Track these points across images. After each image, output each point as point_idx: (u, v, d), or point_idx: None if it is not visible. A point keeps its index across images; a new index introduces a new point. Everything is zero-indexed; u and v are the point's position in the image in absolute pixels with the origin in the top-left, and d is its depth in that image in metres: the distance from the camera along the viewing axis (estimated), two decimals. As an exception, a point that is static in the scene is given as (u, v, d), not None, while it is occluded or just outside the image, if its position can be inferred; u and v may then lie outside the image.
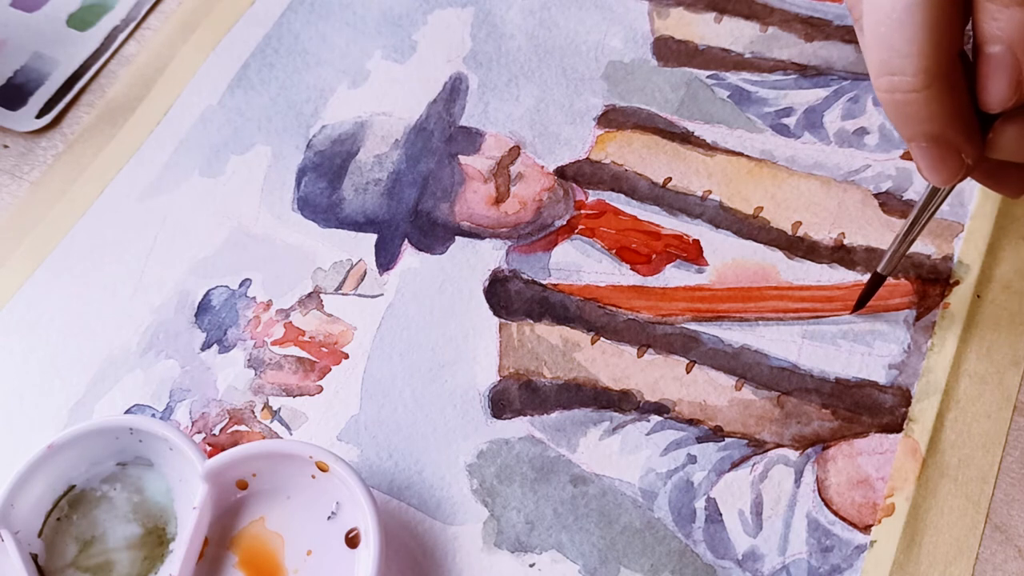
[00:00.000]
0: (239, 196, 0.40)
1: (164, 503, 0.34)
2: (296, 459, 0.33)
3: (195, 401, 0.36)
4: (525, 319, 0.37)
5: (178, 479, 0.34)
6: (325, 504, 0.33)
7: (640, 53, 0.43)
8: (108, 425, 0.33)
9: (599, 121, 0.41)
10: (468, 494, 0.34)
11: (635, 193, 0.39)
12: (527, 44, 0.43)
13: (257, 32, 0.44)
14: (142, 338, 0.38)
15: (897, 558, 0.32)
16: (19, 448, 0.36)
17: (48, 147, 0.42)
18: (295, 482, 0.33)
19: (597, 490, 0.34)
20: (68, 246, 0.40)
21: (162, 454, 0.34)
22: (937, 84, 0.27)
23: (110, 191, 0.41)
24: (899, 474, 0.34)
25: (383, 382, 0.36)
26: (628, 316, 0.37)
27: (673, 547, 0.33)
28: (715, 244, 0.38)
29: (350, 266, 0.39)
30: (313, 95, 0.43)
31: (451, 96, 0.42)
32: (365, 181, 0.40)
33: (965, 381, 0.35)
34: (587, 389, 0.36)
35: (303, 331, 0.37)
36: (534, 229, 0.39)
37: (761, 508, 0.33)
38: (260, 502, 0.34)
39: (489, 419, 0.35)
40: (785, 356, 0.36)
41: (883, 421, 0.34)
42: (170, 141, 0.42)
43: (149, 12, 0.46)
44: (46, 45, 0.45)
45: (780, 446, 0.34)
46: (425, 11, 0.44)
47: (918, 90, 0.28)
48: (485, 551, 0.33)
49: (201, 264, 0.39)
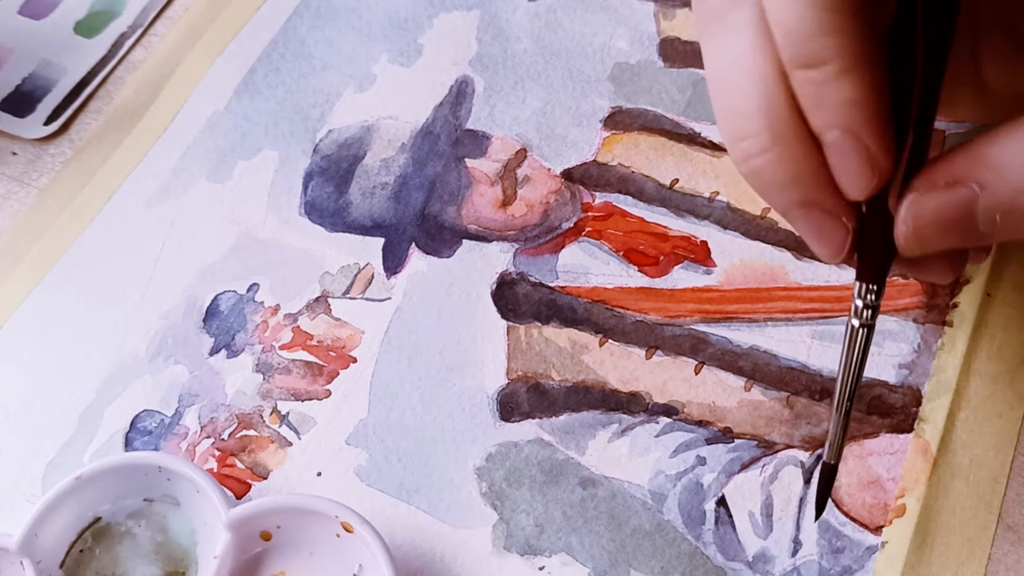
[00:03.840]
0: (246, 201, 0.41)
1: (187, 546, 0.33)
2: (322, 517, 0.32)
3: (204, 406, 0.36)
4: (533, 322, 0.37)
5: (203, 522, 0.33)
6: (347, 565, 0.33)
7: (646, 54, 0.43)
8: (137, 461, 0.33)
9: (605, 123, 0.41)
10: (477, 497, 0.34)
11: (642, 195, 0.39)
12: (533, 47, 0.43)
13: (263, 37, 0.45)
14: (151, 343, 0.38)
15: (909, 559, 0.32)
16: (28, 455, 0.36)
17: (56, 154, 0.42)
18: (319, 539, 0.33)
19: (606, 492, 0.34)
20: (76, 252, 0.40)
21: (189, 495, 0.33)
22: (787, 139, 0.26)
23: (118, 197, 0.41)
24: (910, 474, 0.33)
25: (391, 386, 0.36)
26: (636, 318, 0.37)
27: (683, 549, 0.33)
28: (723, 245, 0.38)
29: (358, 270, 0.39)
30: (319, 99, 0.43)
31: (457, 99, 0.42)
32: (372, 185, 0.40)
33: (976, 380, 0.35)
34: (596, 391, 0.36)
35: (311, 335, 0.37)
36: (541, 232, 0.39)
37: (771, 510, 0.33)
38: (282, 555, 0.33)
39: (497, 422, 0.35)
40: (794, 356, 0.36)
41: (893, 421, 0.34)
42: (177, 147, 0.42)
43: (156, 18, 0.46)
44: (54, 52, 0.45)
45: (790, 447, 0.34)
46: (431, 14, 0.44)
47: (768, 149, 0.26)
48: (494, 554, 0.33)
49: (209, 269, 0.39)
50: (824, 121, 0.26)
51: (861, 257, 0.28)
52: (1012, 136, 0.26)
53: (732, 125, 0.27)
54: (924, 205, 0.26)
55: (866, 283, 0.28)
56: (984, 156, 0.26)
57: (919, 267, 0.29)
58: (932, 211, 0.26)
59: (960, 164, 0.26)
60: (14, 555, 0.31)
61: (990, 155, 0.26)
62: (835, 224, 0.27)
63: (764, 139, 0.26)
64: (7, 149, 0.43)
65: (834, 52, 0.25)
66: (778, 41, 0.26)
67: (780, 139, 0.26)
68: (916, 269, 0.29)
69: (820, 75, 0.25)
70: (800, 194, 0.27)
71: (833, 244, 0.28)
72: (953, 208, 0.26)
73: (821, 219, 0.27)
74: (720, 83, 0.27)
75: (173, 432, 0.36)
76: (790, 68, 0.26)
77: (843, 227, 0.27)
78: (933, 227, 0.26)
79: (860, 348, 0.29)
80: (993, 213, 0.26)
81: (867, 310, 0.28)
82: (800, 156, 0.26)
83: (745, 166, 0.27)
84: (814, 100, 0.25)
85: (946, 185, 0.26)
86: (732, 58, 0.27)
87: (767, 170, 0.27)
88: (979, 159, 0.26)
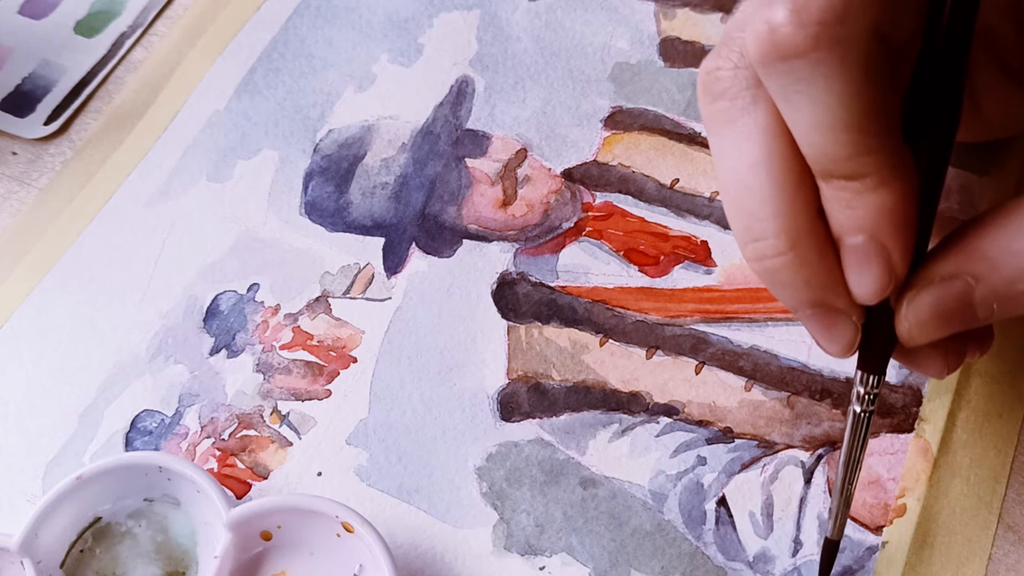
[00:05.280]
0: (246, 201, 0.41)
1: (187, 546, 0.33)
2: (322, 517, 0.32)
3: (204, 406, 0.36)
4: (533, 322, 0.37)
5: (203, 522, 0.33)
6: (348, 565, 0.33)
7: (647, 54, 0.43)
8: (138, 461, 0.33)
9: (606, 123, 0.41)
10: (477, 497, 0.34)
11: (643, 195, 0.39)
12: (533, 46, 0.43)
13: (263, 37, 0.45)
14: (151, 343, 0.38)
15: (909, 559, 0.32)
16: (28, 455, 0.36)
17: (56, 154, 0.42)
18: (319, 539, 0.33)
19: (607, 492, 0.34)
20: (76, 252, 0.40)
21: (190, 495, 0.33)
22: (803, 244, 0.26)
23: (118, 197, 0.41)
24: (910, 474, 0.33)
25: (392, 386, 0.36)
26: (637, 318, 0.37)
27: (684, 549, 0.33)
28: (723, 245, 0.38)
29: (358, 270, 0.39)
30: (319, 99, 0.43)
31: (457, 99, 0.42)
32: (372, 185, 0.40)
33: (976, 380, 0.35)
34: (596, 391, 0.36)
35: (311, 335, 0.37)
36: (541, 231, 0.39)
37: (772, 510, 0.33)
38: (283, 555, 0.33)
39: (498, 422, 0.35)
40: (795, 356, 0.36)
41: (894, 421, 0.34)
42: (177, 146, 0.42)
43: (156, 18, 0.46)
44: (54, 52, 0.45)
45: (790, 447, 0.34)
46: (431, 14, 0.44)
47: (784, 252, 0.26)
48: (495, 554, 0.33)
49: (209, 269, 0.39)
50: (850, 226, 0.26)
51: (863, 349, 0.29)
52: (1001, 227, 0.27)
53: (747, 226, 0.27)
54: (923, 301, 0.27)
55: (868, 373, 0.29)
56: (977, 249, 0.27)
57: (916, 360, 0.29)
58: (930, 306, 0.27)
59: (954, 258, 0.27)
60: (14, 555, 0.31)
61: (982, 247, 0.27)
62: (845, 323, 0.28)
63: (781, 243, 0.27)
64: (7, 149, 0.43)
65: (872, 168, 0.25)
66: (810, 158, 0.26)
67: (797, 243, 0.26)
68: (913, 362, 0.30)
69: (859, 186, 0.25)
70: (813, 295, 0.27)
71: (843, 342, 0.28)
72: (951, 301, 0.27)
73: (831, 318, 0.28)
74: (734, 186, 0.27)
75: (173, 432, 0.36)
76: (822, 179, 0.26)
77: (852, 325, 0.28)
78: (933, 320, 0.27)
79: (863, 433, 0.29)
80: (990, 302, 0.27)
81: (869, 396, 0.29)
82: (816, 260, 0.27)
83: (759, 265, 0.27)
84: (846, 207, 0.26)
85: (942, 280, 0.27)
86: (748, 163, 0.27)
87: (782, 272, 0.27)
88: (972, 252, 0.27)
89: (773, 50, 0.24)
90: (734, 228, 0.28)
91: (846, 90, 0.24)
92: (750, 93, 0.27)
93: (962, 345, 0.29)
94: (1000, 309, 0.27)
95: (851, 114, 0.25)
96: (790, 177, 0.26)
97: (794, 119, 0.26)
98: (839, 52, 0.24)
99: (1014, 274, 0.26)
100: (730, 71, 0.27)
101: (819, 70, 0.24)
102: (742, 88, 0.27)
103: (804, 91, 0.25)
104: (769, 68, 0.25)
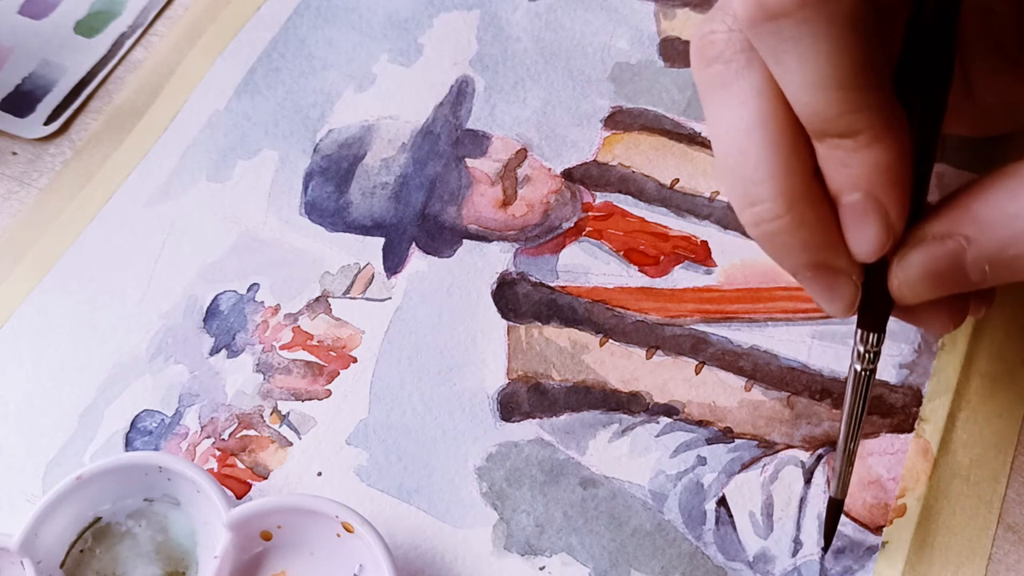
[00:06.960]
0: (247, 201, 0.41)
1: (187, 546, 0.33)
2: (322, 517, 0.32)
3: (204, 406, 0.36)
4: (533, 322, 0.37)
5: (203, 522, 0.33)
6: (348, 565, 0.33)
7: (647, 54, 0.43)
8: (138, 461, 0.33)
9: (606, 123, 0.41)
10: (477, 497, 0.34)
11: (643, 195, 0.39)
12: (533, 46, 0.43)
13: (263, 37, 0.45)
14: (151, 343, 0.38)
15: (909, 559, 0.32)
16: (28, 455, 0.36)
17: (56, 154, 0.42)
18: (319, 539, 0.33)
19: (607, 492, 0.34)
20: (76, 252, 0.40)
21: (190, 495, 0.33)
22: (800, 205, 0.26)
23: (118, 197, 0.41)
24: (910, 474, 0.33)
25: (392, 386, 0.36)
26: (637, 318, 0.37)
27: (684, 549, 0.33)
28: (723, 245, 0.38)
29: (358, 270, 0.39)
30: (319, 99, 0.43)
31: (457, 99, 0.42)
32: (372, 185, 0.40)
33: (976, 380, 0.35)
34: (596, 391, 0.36)
35: (311, 335, 0.37)
36: (541, 231, 0.39)
37: (772, 510, 0.33)
38: (283, 555, 0.33)
39: (498, 422, 0.35)
40: (795, 356, 0.36)
41: (894, 421, 0.34)
42: (177, 146, 0.42)
43: (156, 18, 0.46)
44: (54, 52, 0.45)
45: (790, 447, 0.34)
46: (431, 14, 0.44)
47: (781, 215, 0.27)
48: (495, 554, 0.33)
49: (209, 269, 0.39)
50: (847, 184, 0.26)
51: (862, 307, 0.29)
52: (996, 189, 0.26)
53: (744, 191, 0.27)
54: (914, 259, 0.27)
55: (868, 331, 0.29)
56: (970, 210, 0.27)
57: (917, 317, 0.29)
58: (921, 264, 0.27)
59: (947, 218, 0.27)
60: (14, 555, 0.31)
61: (976, 209, 0.27)
62: (845, 282, 0.28)
63: (778, 205, 0.27)
64: (7, 149, 0.43)
65: (865, 124, 0.25)
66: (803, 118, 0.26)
67: (794, 205, 0.26)
68: (915, 319, 0.30)
69: (852, 144, 0.25)
70: (812, 256, 0.27)
71: (844, 302, 0.28)
72: (942, 261, 0.27)
73: (831, 278, 0.28)
74: (730, 150, 0.27)
75: (173, 432, 0.36)
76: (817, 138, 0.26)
77: (853, 285, 0.28)
78: (924, 279, 0.27)
79: (863, 391, 0.30)
80: (982, 264, 0.27)
81: (869, 354, 0.29)
82: (814, 220, 0.27)
83: (758, 230, 0.27)
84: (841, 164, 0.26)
85: (934, 239, 0.27)
86: (743, 127, 0.27)
87: (781, 235, 0.27)
88: (966, 213, 0.27)
89: (760, 10, 0.25)
90: (731, 195, 0.28)
91: (834, 48, 0.24)
92: (744, 56, 0.27)
93: (964, 300, 0.29)
94: (993, 273, 0.27)
95: (840, 72, 0.25)
96: (785, 139, 0.26)
97: (785, 79, 0.26)
98: (825, 10, 0.24)
99: (1007, 236, 0.26)
100: (724, 34, 0.27)
101: (806, 28, 0.24)
102: (736, 51, 0.27)
103: (792, 50, 0.25)
104: (757, 28, 0.25)
